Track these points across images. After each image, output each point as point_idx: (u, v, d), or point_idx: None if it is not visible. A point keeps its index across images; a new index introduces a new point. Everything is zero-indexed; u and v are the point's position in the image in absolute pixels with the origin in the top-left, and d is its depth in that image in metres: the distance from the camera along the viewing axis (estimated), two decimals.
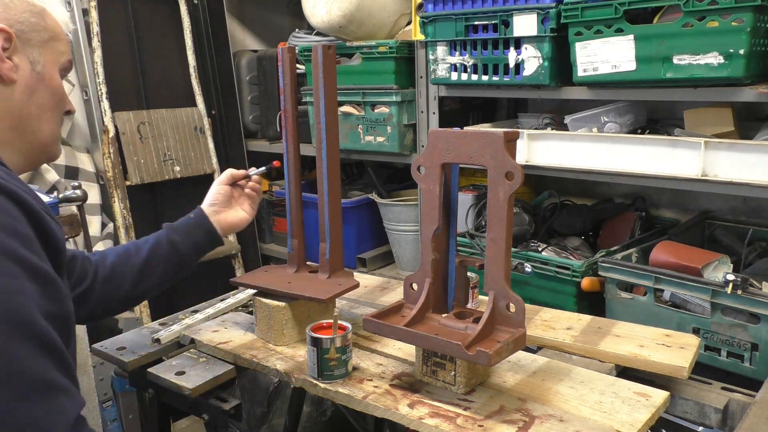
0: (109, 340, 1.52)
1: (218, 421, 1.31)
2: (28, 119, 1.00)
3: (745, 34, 1.54)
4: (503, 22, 1.97)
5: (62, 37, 1.05)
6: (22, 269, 0.80)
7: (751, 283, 1.61)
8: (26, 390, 0.76)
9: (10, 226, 0.81)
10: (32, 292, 0.80)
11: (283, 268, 1.54)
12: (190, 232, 1.42)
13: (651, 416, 1.08)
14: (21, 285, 0.79)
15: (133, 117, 2.74)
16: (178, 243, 1.39)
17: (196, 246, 1.43)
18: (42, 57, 1.00)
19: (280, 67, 1.46)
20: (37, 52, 1.00)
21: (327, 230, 1.44)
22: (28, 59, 0.98)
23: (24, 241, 0.82)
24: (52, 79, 1.03)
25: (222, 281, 1.75)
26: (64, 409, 0.79)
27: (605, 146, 1.85)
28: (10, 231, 0.81)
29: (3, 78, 0.95)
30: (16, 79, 0.97)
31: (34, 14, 1.00)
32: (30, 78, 0.99)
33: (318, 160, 1.43)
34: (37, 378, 0.77)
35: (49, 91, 1.02)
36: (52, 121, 1.04)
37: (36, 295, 0.81)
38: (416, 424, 1.09)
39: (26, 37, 0.98)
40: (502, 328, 1.15)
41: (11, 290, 0.78)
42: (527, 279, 2.02)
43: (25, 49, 0.98)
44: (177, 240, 1.39)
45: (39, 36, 1.00)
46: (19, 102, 0.98)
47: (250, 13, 3.39)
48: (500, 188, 1.10)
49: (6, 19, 0.95)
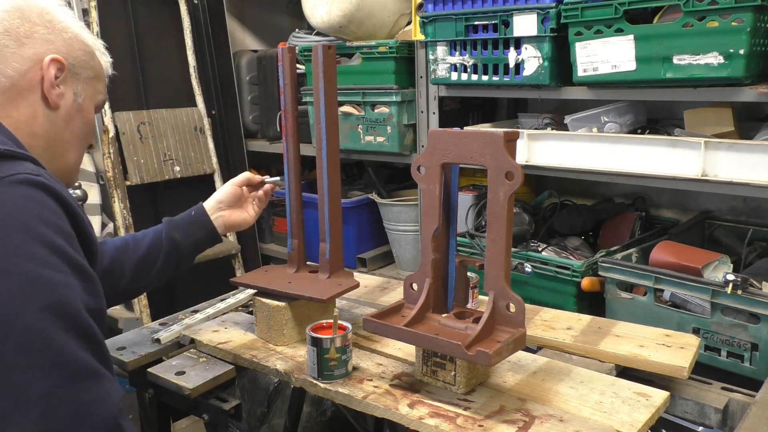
0: (109, 340, 1.52)
1: (218, 421, 1.31)
2: (61, 144, 1.09)
3: (745, 34, 1.54)
4: (503, 22, 1.97)
5: (103, 78, 1.17)
6: (68, 266, 0.86)
7: (751, 283, 1.61)
8: (75, 377, 0.82)
9: (57, 225, 0.88)
10: (77, 288, 0.87)
11: (283, 268, 1.54)
12: (190, 230, 1.44)
13: (651, 416, 1.08)
14: (68, 280, 0.85)
15: (133, 117, 2.74)
16: (178, 240, 1.41)
17: (196, 244, 1.45)
18: (84, 91, 1.11)
19: (281, 66, 1.46)
20: (81, 86, 1.10)
21: (327, 230, 1.44)
22: (73, 91, 1.09)
23: (68, 239, 0.89)
24: (89, 111, 1.13)
25: (222, 281, 1.74)
26: (110, 395, 0.85)
27: (605, 146, 1.85)
28: (57, 229, 0.87)
29: (50, 103, 1.05)
30: (60, 106, 1.07)
31: (86, 53, 1.11)
32: (71, 107, 1.08)
33: (318, 160, 1.43)
34: (83, 366, 0.83)
35: (83, 122, 1.12)
36: (78, 151, 1.14)
37: (80, 290, 0.87)
38: (416, 424, 1.09)
39: (75, 71, 1.09)
40: (502, 328, 1.15)
41: (60, 284, 0.84)
42: (527, 279, 2.02)
43: (73, 81, 1.08)
44: (176, 237, 1.41)
45: (86, 73, 1.10)
46: (56, 127, 1.07)
47: (250, 13, 3.39)
48: (500, 188, 1.10)
49: (64, 53, 1.06)
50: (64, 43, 1.07)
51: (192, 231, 1.44)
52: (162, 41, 2.90)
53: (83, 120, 1.12)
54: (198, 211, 1.47)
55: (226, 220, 1.49)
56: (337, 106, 1.44)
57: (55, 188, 0.90)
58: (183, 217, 1.46)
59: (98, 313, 0.91)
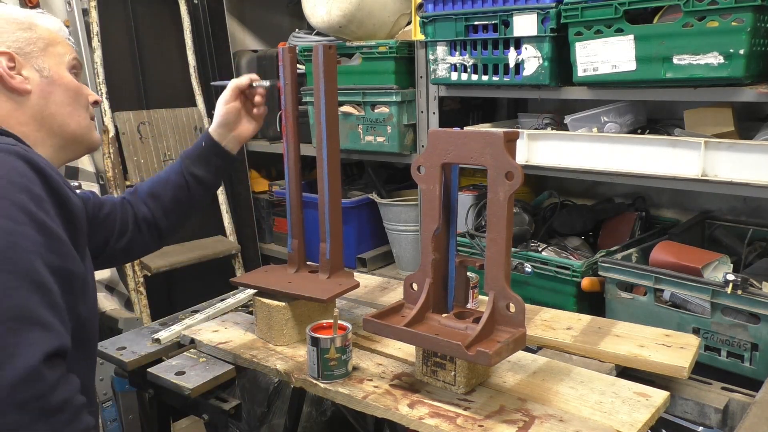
0: (109, 340, 1.52)
1: (218, 421, 1.31)
2: (51, 119, 1.12)
3: (745, 34, 1.54)
4: (503, 22, 1.97)
5: (58, 41, 1.16)
6: (27, 218, 0.89)
7: (751, 283, 1.61)
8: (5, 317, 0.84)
9: (23, 185, 0.91)
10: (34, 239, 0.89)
11: (283, 268, 1.54)
12: (209, 161, 1.47)
13: (651, 416, 1.08)
14: (23, 230, 0.88)
15: (133, 117, 2.74)
16: (200, 176, 1.46)
17: (218, 171, 1.50)
18: (45, 63, 1.12)
19: (281, 66, 1.46)
20: (40, 61, 1.11)
21: (327, 230, 1.44)
22: (35, 69, 1.11)
23: (34, 198, 0.91)
24: (62, 77, 1.14)
25: (222, 281, 1.75)
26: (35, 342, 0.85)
27: (605, 146, 1.85)
28: (22, 188, 0.91)
29: (19, 91, 1.08)
30: (31, 89, 1.09)
31: (24, 29, 1.11)
32: (42, 84, 1.11)
33: (318, 160, 1.43)
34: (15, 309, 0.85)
35: (62, 90, 1.13)
36: (76, 114, 1.15)
37: (38, 244, 0.90)
38: (416, 424, 1.09)
39: (25, 52, 1.10)
40: (502, 328, 1.15)
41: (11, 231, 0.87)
42: (527, 279, 2.02)
43: (29, 62, 1.10)
44: (199, 174, 1.46)
45: (35, 46, 1.12)
46: (37, 107, 1.10)
47: (250, 13, 3.39)
48: (500, 188, 1.10)
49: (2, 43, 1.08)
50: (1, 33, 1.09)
51: (211, 162, 1.47)
52: (162, 41, 2.90)
53: (61, 88, 1.13)
54: (208, 142, 1.48)
55: (237, 138, 1.51)
56: (338, 106, 1.44)
57: (29, 155, 0.94)
58: (197, 150, 1.47)
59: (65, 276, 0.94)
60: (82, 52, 2.57)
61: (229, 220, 3.01)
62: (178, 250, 2.80)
